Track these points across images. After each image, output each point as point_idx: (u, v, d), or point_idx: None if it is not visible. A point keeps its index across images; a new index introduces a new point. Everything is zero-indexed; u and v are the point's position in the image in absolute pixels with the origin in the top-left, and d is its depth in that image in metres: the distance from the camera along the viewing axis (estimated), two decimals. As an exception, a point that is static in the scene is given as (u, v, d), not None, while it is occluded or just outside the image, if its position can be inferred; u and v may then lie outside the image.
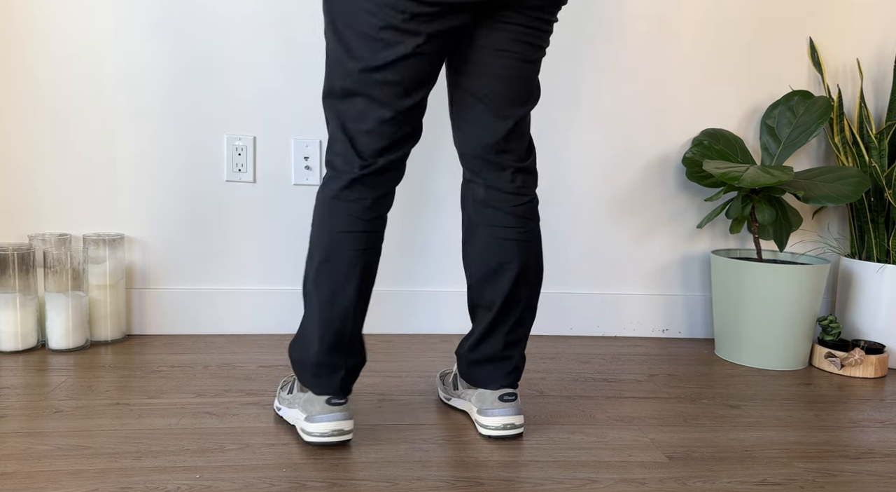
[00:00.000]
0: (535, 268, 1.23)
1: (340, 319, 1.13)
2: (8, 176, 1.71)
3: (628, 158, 1.87)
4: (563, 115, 1.84)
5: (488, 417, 1.21)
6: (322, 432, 1.12)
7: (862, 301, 1.73)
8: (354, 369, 1.16)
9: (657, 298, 1.93)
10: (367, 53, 1.06)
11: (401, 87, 1.09)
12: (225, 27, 1.72)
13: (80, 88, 1.70)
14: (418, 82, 1.10)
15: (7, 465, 1.04)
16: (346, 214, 1.12)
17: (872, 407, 1.43)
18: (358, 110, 1.10)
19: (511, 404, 1.21)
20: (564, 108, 1.84)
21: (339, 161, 1.13)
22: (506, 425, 1.20)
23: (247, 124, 1.76)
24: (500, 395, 1.21)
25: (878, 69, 1.90)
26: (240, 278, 1.81)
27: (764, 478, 1.08)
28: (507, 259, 1.20)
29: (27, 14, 1.66)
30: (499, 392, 1.21)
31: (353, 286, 1.13)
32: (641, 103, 1.85)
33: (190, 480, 1.01)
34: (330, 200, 1.12)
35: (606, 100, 1.84)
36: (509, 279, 1.20)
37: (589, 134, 1.85)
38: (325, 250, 1.12)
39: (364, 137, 1.11)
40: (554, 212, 1.87)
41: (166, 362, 1.56)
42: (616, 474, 1.08)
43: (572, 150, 1.86)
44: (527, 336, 1.25)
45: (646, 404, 1.40)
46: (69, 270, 1.61)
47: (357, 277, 1.13)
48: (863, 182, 1.62)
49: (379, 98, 1.09)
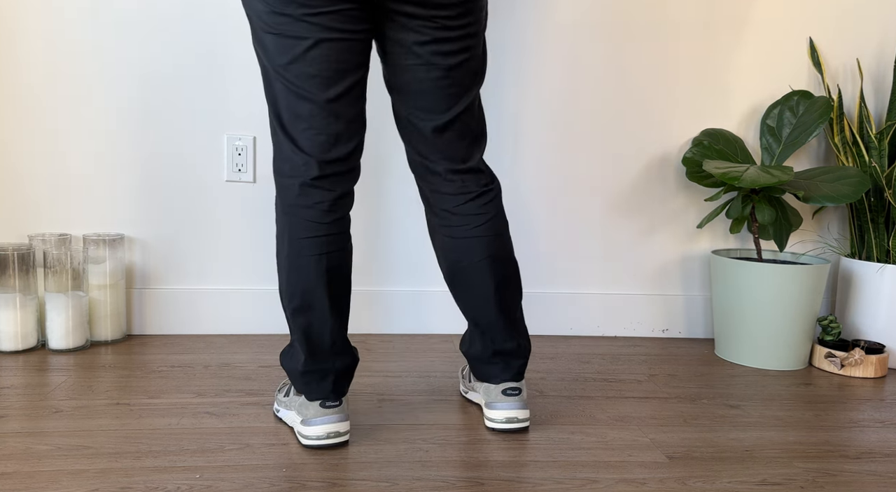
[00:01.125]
0: (501, 258, 1.22)
1: (318, 325, 1.12)
2: (8, 176, 1.71)
3: (628, 158, 1.87)
4: (562, 115, 1.84)
5: (493, 410, 1.22)
6: (317, 435, 1.12)
7: (862, 301, 1.73)
8: (346, 371, 1.16)
9: (657, 298, 1.93)
10: (279, 49, 1.07)
11: (319, 78, 1.09)
12: (225, 27, 1.72)
13: (81, 88, 1.70)
14: (338, 72, 1.09)
15: (7, 465, 1.04)
16: (305, 220, 1.11)
17: (872, 407, 1.43)
18: (290, 107, 1.10)
19: (514, 399, 1.21)
20: (564, 109, 1.84)
21: (286, 167, 1.12)
22: (509, 418, 1.20)
23: (247, 124, 1.76)
24: (503, 389, 1.22)
25: (878, 69, 1.90)
26: (240, 278, 1.81)
27: (764, 478, 1.08)
28: (465, 258, 1.21)
29: (27, 14, 1.66)
30: (502, 386, 1.22)
31: (323, 291, 1.12)
32: (641, 103, 1.85)
33: (190, 480, 1.01)
34: (288, 208, 1.12)
35: (606, 100, 1.84)
36: (475, 278, 1.21)
37: (589, 134, 1.85)
38: (287, 260, 1.12)
39: (303, 134, 1.10)
40: (554, 212, 1.87)
41: (166, 362, 1.56)
42: (616, 474, 1.08)
43: (572, 150, 1.86)
44: (517, 327, 1.24)
45: (646, 404, 1.40)
46: (69, 270, 1.61)
47: (325, 282, 1.11)
48: (863, 182, 1.62)
49: (304, 92, 1.09)
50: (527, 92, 1.82)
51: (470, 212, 1.20)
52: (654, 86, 1.85)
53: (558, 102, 1.83)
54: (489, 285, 1.21)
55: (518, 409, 1.21)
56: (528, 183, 1.85)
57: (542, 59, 1.81)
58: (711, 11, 1.83)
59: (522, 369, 1.24)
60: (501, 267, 1.22)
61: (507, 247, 1.23)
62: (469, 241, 1.21)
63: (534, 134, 1.84)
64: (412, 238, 1.85)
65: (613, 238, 1.90)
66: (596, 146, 1.86)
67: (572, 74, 1.83)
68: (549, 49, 1.81)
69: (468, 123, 1.20)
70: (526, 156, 1.84)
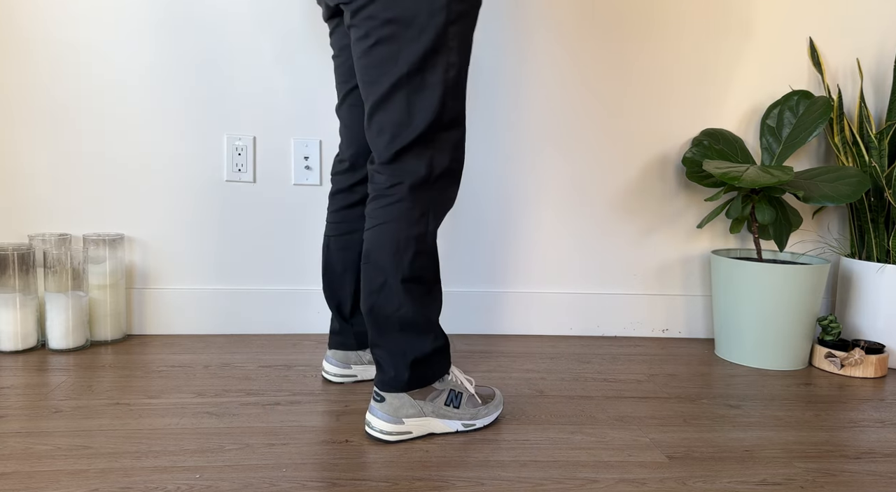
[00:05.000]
0: (385, 256, 1.15)
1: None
2: (8, 176, 1.71)
3: (628, 158, 1.87)
4: (562, 115, 1.84)
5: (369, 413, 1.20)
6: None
7: (862, 301, 1.73)
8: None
9: (657, 298, 1.93)
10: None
11: (337, 86, 1.37)
12: (225, 27, 1.72)
13: (81, 89, 1.70)
14: (340, 83, 1.35)
15: (7, 465, 1.04)
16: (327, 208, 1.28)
17: (872, 407, 1.42)
18: None
19: (373, 404, 1.19)
20: (564, 109, 1.84)
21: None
22: (367, 422, 1.19)
23: (247, 124, 1.76)
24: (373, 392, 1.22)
25: (878, 69, 1.90)
26: (240, 278, 1.81)
27: (764, 478, 1.08)
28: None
29: (28, 15, 1.66)
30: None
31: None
32: (641, 103, 1.85)
33: (190, 480, 1.01)
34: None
35: (606, 99, 1.84)
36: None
37: (589, 134, 1.85)
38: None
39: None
40: (554, 212, 1.87)
41: (166, 362, 1.56)
42: (616, 474, 1.08)
43: (572, 149, 1.86)
44: (386, 337, 1.16)
45: (646, 404, 1.40)
46: (69, 270, 1.61)
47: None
48: (863, 182, 1.62)
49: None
50: (526, 92, 1.82)
51: (367, 214, 1.17)
52: (654, 86, 1.85)
53: (558, 102, 1.83)
54: (363, 302, 1.18)
55: (373, 416, 1.18)
56: (527, 183, 1.85)
57: (542, 58, 1.81)
58: (711, 11, 1.83)
59: (387, 380, 1.17)
60: (366, 291, 1.17)
61: (371, 268, 1.16)
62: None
63: (533, 134, 1.84)
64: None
65: (613, 238, 1.90)
66: (596, 146, 1.86)
67: (572, 74, 1.83)
68: (549, 49, 1.81)
69: (386, 118, 1.13)
70: (525, 156, 1.84)
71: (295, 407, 1.30)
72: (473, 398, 1.23)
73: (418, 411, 1.18)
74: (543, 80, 1.82)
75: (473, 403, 1.23)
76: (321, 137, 1.78)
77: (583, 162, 1.86)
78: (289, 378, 1.47)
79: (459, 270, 1.87)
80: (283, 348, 1.69)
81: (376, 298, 1.15)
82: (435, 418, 1.20)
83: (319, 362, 1.58)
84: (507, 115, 1.82)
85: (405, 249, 1.13)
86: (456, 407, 1.21)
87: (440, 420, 1.20)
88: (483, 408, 1.24)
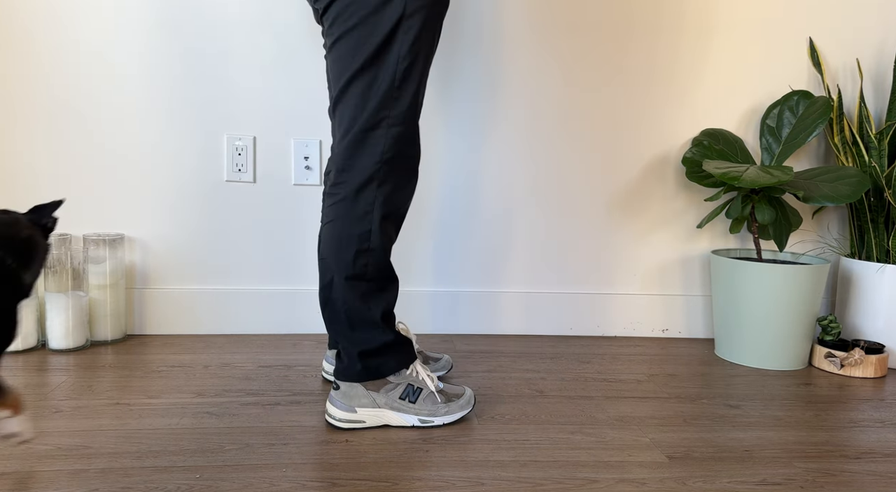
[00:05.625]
0: (330, 253, 1.18)
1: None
2: (8, 176, 1.71)
3: (628, 158, 1.87)
4: (562, 115, 1.84)
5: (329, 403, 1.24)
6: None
7: (862, 301, 1.73)
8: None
9: (657, 298, 1.93)
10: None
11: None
12: (225, 27, 1.72)
13: (81, 89, 1.70)
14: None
15: (7, 465, 1.04)
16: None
17: (872, 407, 1.43)
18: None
19: (332, 392, 1.23)
20: (564, 108, 1.84)
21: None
22: (324, 410, 1.23)
23: (247, 124, 1.76)
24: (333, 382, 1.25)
25: (878, 69, 1.90)
26: (240, 278, 1.81)
27: (764, 478, 1.08)
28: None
29: (28, 15, 1.66)
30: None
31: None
32: (641, 103, 1.85)
33: (190, 480, 1.01)
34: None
35: (606, 100, 1.84)
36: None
37: (589, 134, 1.85)
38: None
39: None
40: (554, 212, 1.87)
41: (166, 362, 1.56)
42: (616, 474, 1.08)
43: (572, 150, 1.86)
44: (338, 330, 1.20)
45: (646, 404, 1.40)
46: (69, 270, 1.61)
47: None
48: (863, 182, 1.62)
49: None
50: (526, 91, 1.82)
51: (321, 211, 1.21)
52: (654, 86, 1.85)
53: (558, 102, 1.83)
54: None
55: (330, 404, 1.22)
56: (527, 183, 1.85)
57: (542, 58, 1.81)
58: (711, 11, 1.83)
59: (344, 371, 1.21)
60: (331, 264, 1.17)
61: (322, 265, 1.20)
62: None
63: (533, 134, 1.84)
64: (410, 239, 1.85)
65: (613, 238, 1.90)
66: (596, 146, 1.86)
67: (572, 74, 1.83)
68: (549, 48, 1.81)
69: (343, 113, 1.13)
70: (525, 156, 1.84)
71: (295, 407, 1.30)
72: (433, 396, 1.23)
73: (371, 401, 1.20)
74: (544, 79, 1.82)
75: (433, 400, 1.23)
76: (321, 137, 1.78)
77: (583, 162, 1.86)
78: (289, 378, 1.47)
79: (459, 270, 1.87)
80: (282, 348, 1.69)
81: (328, 293, 1.20)
82: (389, 410, 1.21)
83: (319, 362, 1.59)
84: (507, 114, 1.82)
85: (347, 246, 1.15)
86: (412, 402, 1.22)
87: (395, 413, 1.21)
88: (444, 406, 1.24)
